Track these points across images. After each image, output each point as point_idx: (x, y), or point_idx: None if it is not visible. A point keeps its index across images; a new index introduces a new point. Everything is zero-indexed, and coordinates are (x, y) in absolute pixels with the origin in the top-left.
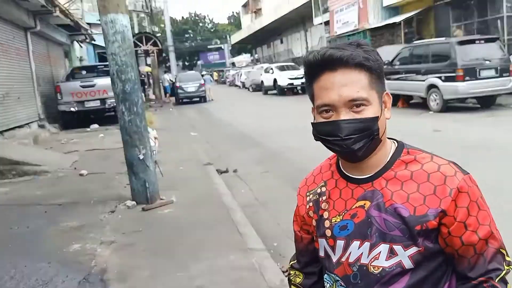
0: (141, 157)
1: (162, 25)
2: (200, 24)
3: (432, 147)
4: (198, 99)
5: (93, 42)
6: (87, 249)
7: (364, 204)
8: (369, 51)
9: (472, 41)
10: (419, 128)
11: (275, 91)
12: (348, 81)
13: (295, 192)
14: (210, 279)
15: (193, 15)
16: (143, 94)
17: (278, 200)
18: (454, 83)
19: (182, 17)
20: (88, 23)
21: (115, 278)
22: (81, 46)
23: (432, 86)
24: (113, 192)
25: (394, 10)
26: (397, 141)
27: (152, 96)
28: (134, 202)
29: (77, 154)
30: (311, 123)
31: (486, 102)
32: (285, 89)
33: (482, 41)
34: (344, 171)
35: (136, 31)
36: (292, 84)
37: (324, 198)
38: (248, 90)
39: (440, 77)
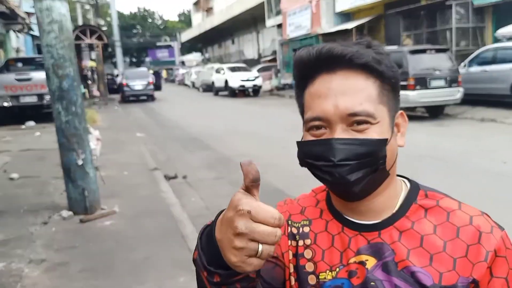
0: (80, 162)
1: (109, 19)
2: (149, 20)
3: None
4: (145, 97)
5: (31, 32)
6: (13, 269)
7: (367, 260)
8: (382, 53)
9: (423, 51)
10: None
11: (226, 92)
12: (350, 88)
13: None
14: None
15: (142, 10)
16: (86, 91)
17: None
18: (405, 91)
19: (130, 12)
20: (26, 12)
21: None
22: (17, 37)
23: None
24: (47, 200)
25: (346, 16)
26: (408, 179)
27: (96, 93)
28: (71, 213)
29: (9, 154)
30: (297, 142)
31: (435, 112)
32: (237, 91)
33: (433, 51)
34: (339, 211)
35: (80, 23)
36: (243, 86)
37: (307, 242)
38: (198, 90)
39: None
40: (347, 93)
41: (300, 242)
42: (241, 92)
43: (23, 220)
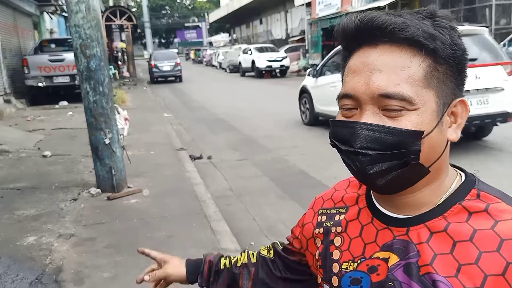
0: (107, 141)
1: (138, 0)
2: (178, 1)
3: None
4: (173, 78)
5: (64, 14)
6: (43, 243)
7: (389, 257)
8: (445, 27)
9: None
10: None
11: (253, 73)
12: (388, 65)
13: (272, 183)
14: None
15: None
16: (116, 72)
17: (254, 191)
18: None
19: None
20: None
21: (70, 280)
22: (51, 18)
23: None
24: (77, 178)
25: None
26: (466, 172)
27: (126, 74)
28: (99, 190)
29: (43, 133)
30: (330, 120)
31: None
32: (264, 72)
33: None
34: (374, 201)
35: (111, 4)
36: (270, 66)
37: (339, 230)
38: (225, 71)
39: None
40: (384, 70)
41: (333, 229)
42: (267, 73)
43: (54, 196)
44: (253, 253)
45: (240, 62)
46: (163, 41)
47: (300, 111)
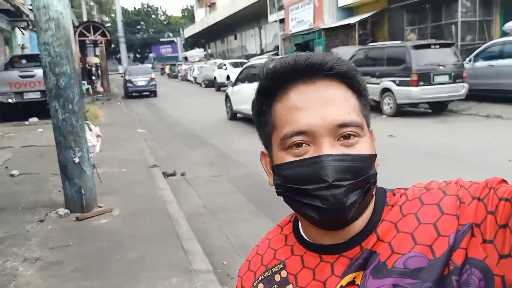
0: (77, 160)
1: (113, 15)
2: (153, 16)
3: (388, 154)
4: (148, 93)
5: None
6: (7, 268)
7: (355, 277)
8: (354, 68)
9: (427, 46)
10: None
11: None
12: (335, 98)
13: (246, 199)
14: None
15: (145, 6)
16: (90, 87)
17: (228, 208)
18: (408, 87)
19: (134, 8)
20: (30, 9)
21: None
22: (23, 33)
23: (386, 90)
24: (45, 198)
25: (349, 11)
26: None
27: (100, 89)
28: (67, 210)
29: (11, 150)
30: (273, 166)
31: (438, 108)
32: None
33: (437, 46)
34: (309, 239)
35: (85, 20)
36: None
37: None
38: (201, 85)
39: (394, 81)
40: (333, 103)
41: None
42: None
43: (20, 217)
44: None
45: (215, 77)
46: (138, 56)
47: (226, 109)
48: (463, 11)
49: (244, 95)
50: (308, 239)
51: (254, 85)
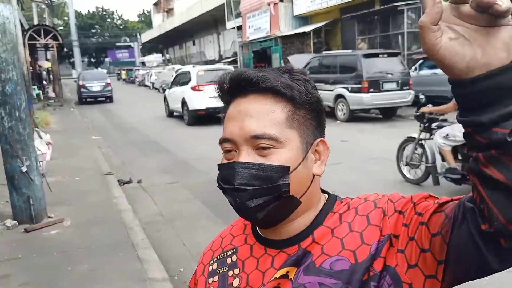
0: (24, 169)
1: (66, 18)
2: (108, 20)
3: (340, 158)
4: (103, 99)
5: None
6: None
7: (288, 272)
8: (300, 80)
9: (376, 55)
10: (327, 137)
11: None
12: (257, 111)
13: (204, 207)
14: None
15: (100, 9)
16: (40, 92)
17: (185, 215)
18: (359, 94)
19: (88, 11)
20: None
21: None
22: None
23: (339, 96)
24: None
25: (304, 19)
26: (329, 193)
27: (51, 94)
28: (15, 222)
29: None
30: (217, 165)
31: (388, 113)
32: None
33: (385, 55)
34: (260, 233)
35: (36, 23)
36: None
37: (236, 271)
38: (158, 91)
39: (347, 88)
40: (254, 116)
41: (230, 273)
42: None
43: None
44: None
45: None
46: (93, 60)
47: (164, 108)
48: (408, 22)
49: (175, 96)
50: (259, 232)
51: (183, 88)
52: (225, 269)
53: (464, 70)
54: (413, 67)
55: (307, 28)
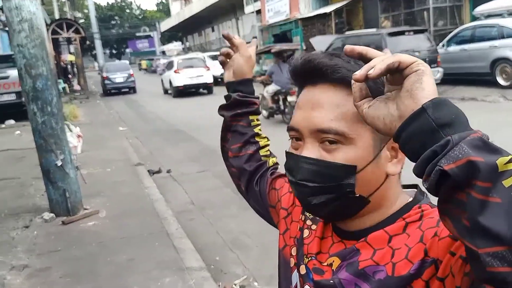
0: (59, 163)
1: (86, 11)
2: (127, 11)
3: None
4: (127, 89)
5: (7, 29)
6: None
7: (333, 261)
8: None
9: (401, 33)
10: None
11: None
12: (326, 103)
13: (234, 194)
14: None
15: (119, 0)
16: (66, 85)
17: (216, 204)
18: None
19: (108, 3)
20: (0, 8)
21: None
22: None
23: None
24: (28, 202)
25: (324, 0)
26: (421, 191)
27: (77, 87)
28: (52, 215)
29: None
30: (285, 151)
31: None
32: (219, 79)
33: (411, 33)
34: None
35: (57, 17)
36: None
37: (313, 227)
38: None
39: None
40: (322, 107)
41: (308, 222)
42: (222, 80)
43: (4, 224)
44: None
45: None
46: (114, 51)
47: (162, 87)
48: None
49: (166, 78)
50: None
51: (169, 72)
52: (309, 222)
53: (386, 129)
54: (441, 44)
55: (327, 9)
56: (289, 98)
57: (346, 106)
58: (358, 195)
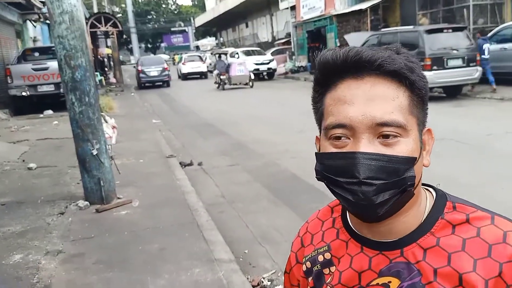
0: (95, 152)
1: (123, 5)
2: (163, 6)
3: None
4: (161, 83)
5: (48, 21)
6: (30, 261)
7: (390, 282)
8: (414, 61)
9: (440, 30)
10: None
11: None
12: (379, 96)
13: (264, 189)
14: None
15: None
16: (103, 78)
17: (247, 197)
18: None
19: None
20: (42, 1)
21: None
22: (34, 26)
23: None
24: (63, 190)
25: None
26: (434, 188)
27: (112, 80)
28: (87, 202)
29: (27, 144)
30: (315, 153)
31: (452, 92)
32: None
33: (450, 30)
34: (354, 229)
35: (96, 11)
36: (258, 69)
37: (332, 270)
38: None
39: None
40: (376, 100)
41: (326, 270)
42: (255, 76)
43: (40, 210)
44: None
45: None
46: (149, 46)
47: (177, 74)
48: None
49: (179, 68)
50: (352, 227)
51: (180, 64)
52: (318, 267)
53: None
54: None
55: (363, 5)
56: (221, 77)
57: (399, 99)
58: (412, 189)
